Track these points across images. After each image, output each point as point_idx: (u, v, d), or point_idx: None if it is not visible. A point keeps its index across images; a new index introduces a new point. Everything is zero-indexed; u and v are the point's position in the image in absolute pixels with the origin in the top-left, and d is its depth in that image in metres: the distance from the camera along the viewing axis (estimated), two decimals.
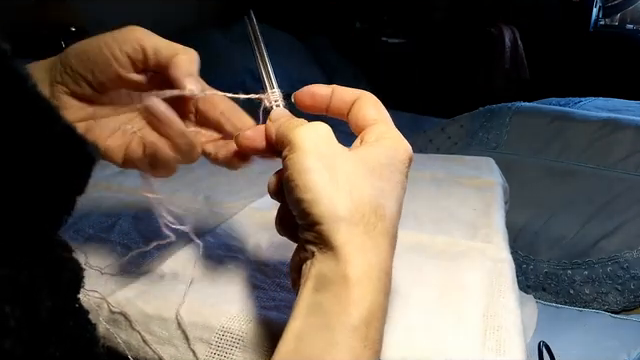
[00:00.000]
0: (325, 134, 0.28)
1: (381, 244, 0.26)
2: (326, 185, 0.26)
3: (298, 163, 0.27)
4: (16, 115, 0.20)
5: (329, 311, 0.25)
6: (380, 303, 0.25)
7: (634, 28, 2.68)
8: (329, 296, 0.25)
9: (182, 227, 0.39)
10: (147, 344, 0.40)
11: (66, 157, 0.23)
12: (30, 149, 0.21)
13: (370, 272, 0.25)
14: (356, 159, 0.28)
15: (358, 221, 0.26)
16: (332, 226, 0.25)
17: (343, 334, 0.24)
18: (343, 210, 0.25)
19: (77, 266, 0.27)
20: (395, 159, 0.29)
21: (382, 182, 0.27)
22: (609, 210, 1.07)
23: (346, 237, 0.25)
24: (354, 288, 0.25)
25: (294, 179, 0.27)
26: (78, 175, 0.24)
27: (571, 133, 1.23)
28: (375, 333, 0.25)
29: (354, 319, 0.24)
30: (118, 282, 0.45)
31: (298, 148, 0.27)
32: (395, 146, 0.29)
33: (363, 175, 0.27)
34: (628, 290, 0.99)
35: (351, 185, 0.26)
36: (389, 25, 2.74)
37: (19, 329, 0.20)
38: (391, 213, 0.27)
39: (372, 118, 0.31)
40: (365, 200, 0.26)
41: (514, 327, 0.39)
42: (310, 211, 0.26)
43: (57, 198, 0.23)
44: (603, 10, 2.65)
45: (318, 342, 0.24)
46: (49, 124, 0.22)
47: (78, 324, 0.26)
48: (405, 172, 0.30)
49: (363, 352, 0.24)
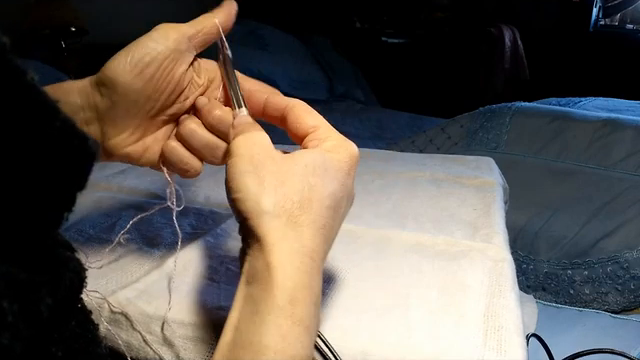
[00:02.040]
0: (259, 141, 0.32)
1: (304, 232, 0.29)
2: (253, 185, 0.29)
3: (232, 167, 0.30)
4: (14, 109, 0.20)
5: (257, 298, 0.27)
6: (304, 283, 0.28)
7: (634, 28, 2.68)
8: (257, 285, 0.28)
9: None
10: (148, 344, 0.40)
11: (66, 152, 0.22)
12: (29, 144, 0.21)
13: (291, 257, 0.28)
14: (288, 161, 0.31)
15: (280, 214, 0.28)
16: (256, 220, 0.28)
17: (270, 315, 0.26)
18: (266, 205, 0.28)
19: (79, 266, 0.27)
20: (333, 158, 0.32)
21: (314, 178, 0.30)
22: (609, 210, 1.07)
23: (268, 228, 0.28)
24: (276, 272, 0.27)
25: (229, 181, 0.30)
26: (78, 170, 0.24)
27: (571, 133, 1.23)
28: (302, 310, 0.27)
29: (278, 299, 0.26)
30: (119, 282, 0.45)
31: (233, 154, 0.31)
32: (333, 147, 0.32)
33: (290, 174, 0.30)
34: (628, 290, 0.99)
35: (276, 183, 0.29)
36: (389, 25, 2.74)
37: (17, 325, 0.20)
38: (320, 205, 0.30)
39: (310, 125, 0.34)
40: (289, 196, 0.29)
41: (515, 327, 0.39)
42: (239, 208, 0.29)
43: (57, 194, 0.23)
44: (603, 10, 2.65)
45: (250, 327, 0.26)
46: (48, 118, 0.21)
47: (80, 324, 0.26)
48: (344, 169, 0.32)
49: (292, 329, 0.26)
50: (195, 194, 0.66)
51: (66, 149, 0.22)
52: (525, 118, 1.31)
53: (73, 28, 1.67)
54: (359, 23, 2.78)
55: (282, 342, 0.26)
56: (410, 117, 1.99)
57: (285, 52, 2.19)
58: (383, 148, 1.12)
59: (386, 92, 2.50)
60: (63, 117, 0.22)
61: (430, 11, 2.70)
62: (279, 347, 0.25)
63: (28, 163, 0.21)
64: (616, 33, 2.69)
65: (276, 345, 0.25)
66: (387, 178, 0.72)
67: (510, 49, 2.46)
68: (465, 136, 1.33)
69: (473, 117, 1.38)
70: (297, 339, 0.26)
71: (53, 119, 0.22)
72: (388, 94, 2.49)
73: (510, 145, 1.26)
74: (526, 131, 1.28)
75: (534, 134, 1.26)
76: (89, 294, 0.42)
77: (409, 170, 0.75)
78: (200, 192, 0.67)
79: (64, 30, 1.66)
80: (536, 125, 1.28)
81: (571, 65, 2.49)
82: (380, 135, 1.72)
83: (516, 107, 1.35)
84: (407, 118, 1.98)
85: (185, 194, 0.66)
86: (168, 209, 0.41)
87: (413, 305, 0.42)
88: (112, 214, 0.58)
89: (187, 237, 0.54)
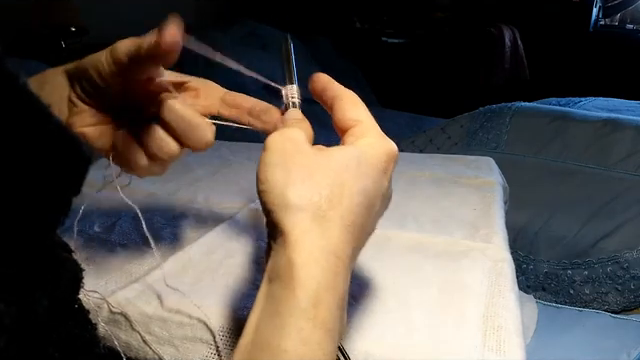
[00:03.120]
0: (293, 136, 0.30)
1: (331, 229, 0.27)
2: (280, 177, 0.28)
3: (263, 160, 0.30)
4: (7, 114, 0.20)
5: (278, 297, 0.26)
6: (328, 284, 0.26)
7: (634, 28, 2.68)
8: (278, 283, 0.26)
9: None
10: (147, 344, 0.40)
11: (59, 157, 0.22)
12: (21, 149, 0.21)
13: (316, 254, 0.26)
14: (319, 156, 0.29)
15: (306, 207, 0.27)
16: (281, 212, 0.27)
17: (291, 317, 0.25)
18: (292, 198, 0.27)
19: (76, 266, 0.26)
20: (366, 154, 0.30)
21: (346, 174, 0.29)
22: (609, 210, 1.07)
23: (293, 221, 0.27)
24: (299, 270, 0.26)
25: (258, 173, 0.29)
26: (72, 175, 0.23)
27: (571, 133, 1.23)
28: (326, 313, 0.26)
29: (300, 301, 0.25)
30: (118, 282, 0.45)
31: (266, 148, 0.30)
32: (369, 144, 0.31)
33: (321, 167, 0.29)
34: (628, 290, 0.99)
35: (305, 176, 0.28)
36: (389, 25, 2.74)
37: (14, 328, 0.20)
38: (350, 202, 0.28)
39: (352, 119, 0.32)
40: (317, 189, 0.28)
41: (514, 327, 0.39)
42: (265, 200, 0.28)
43: (51, 198, 0.23)
44: (603, 10, 2.65)
45: (270, 329, 0.25)
46: (41, 123, 0.21)
47: (78, 324, 0.26)
48: (379, 167, 0.30)
49: (313, 332, 0.25)
50: (195, 194, 0.66)
51: (59, 154, 0.22)
52: (525, 118, 1.31)
53: (73, 28, 1.67)
54: (359, 23, 2.78)
55: (302, 346, 0.24)
56: (410, 117, 1.99)
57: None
58: None
59: (386, 92, 2.50)
60: (56, 122, 0.22)
61: (430, 11, 2.70)
62: (299, 352, 0.24)
63: (22, 168, 0.20)
64: (616, 33, 2.69)
65: (296, 349, 0.24)
66: None
67: (510, 49, 2.46)
68: (465, 136, 1.33)
69: (473, 117, 1.37)
70: (318, 344, 0.25)
71: (46, 124, 0.22)
72: (388, 94, 2.49)
73: (510, 145, 1.26)
74: (526, 131, 1.27)
75: (534, 134, 1.26)
76: (88, 294, 0.42)
77: (409, 170, 0.75)
78: (200, 192, 0.67)
79: (64, 30, 1.66)
80: (536, 125, 1.28)
81: (571, 65, 2.49)
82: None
83: (516, 107, 1.35)
84: (407, 118, 1.98)
85: (185, 194, 0.66)
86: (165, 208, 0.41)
87: (413, 305, 0.41)
88: (112, 214, 0.58)
89: (187, 237, 0.54)
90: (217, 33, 1.88)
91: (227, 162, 0.79)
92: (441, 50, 2.57)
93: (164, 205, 0.62)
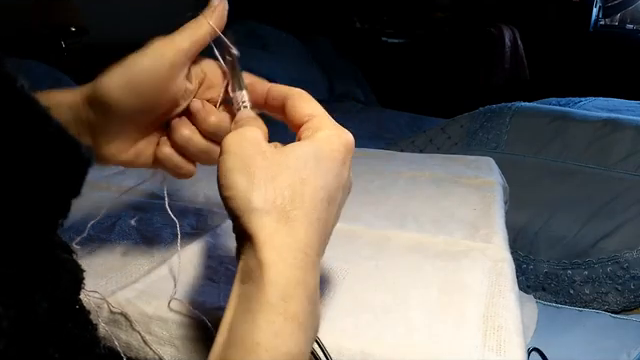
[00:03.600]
0: (250, 137, 0.31)
1: (296, 227, 0.28)
2: (242, 182, 0.28)
3: (222, 164, 0.30)
4: (6, 117, 0.20)
5: (250, 296, 0.27)
6: (298, 280, 0.27)
7: (634, 28, 2.68)
8: (250, 283, 0.27)
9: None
10: (147, 344, 0.40)
11: (59, 159, 0.22)
12: (21, 151, 0.21)
13: (284, 253, 0.27)
14: (278, 155, 0.30)
15: (271, 210, 0.28)
16: (247, 217, 0.28)
17: (262, 312, 0.26)
18: (256, 202, 0.28)
19: (76, 267, 0.26)
20: (324, 148, 0.31)
21: (305, 171, 0.29)
22: (609, 210, 1.07)
23: (259, 225, 0.28)
24: (268, 269, 0.27)
25: (219, 179, 0.30)
26: (72, 177, 0.23)
27: (571, 133, 1.23)
28: (296, 307, 0.26)
29: (270, 296, 0.26)
30: (118, 282, 0.45)
31: (224, 151, 0.30)
32: (326, 137, 0.31)
33: (281, 168, 0.29)
34: (628, 290, 0.99)
35: (266, 179, 0.29)
36: (389, 25, 2.74)
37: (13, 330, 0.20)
38: (312, 198, 0.29)
39: (306, 114, 0.33)
40: (280, 191, 0.28)
41: (514, 327, 0.39)
42: (230, 206, 0.29)
43: (51, 200, 0.23)
44: (603, 10, 2.65)
45: (243, 325, 0.26)
46: (40, 126, 0.21)
47: (78, 325, 0.26)
48: (338, 158, 0.31)
49: (284, 325, 0.26)
50: (195, 194, 0.66)
51: (59, 156, 0.22)
52: (525, 118, 1.31)
53: (73, 28, 1.67)
54: (359, 23, 2.78)
55: (274, 339, 0.25)
56: (410, 117, 1.99)
57: (285, 52, 2.19)
58: (383, 148, 1.12)
59: (386, 92, 2.50)
60: (55, 124, 0.22)
61: (430, 11, 2.70)
62: (271, 344, 0.25)
63: (21, 170, 0.20)
64: (616, 33, 2.69)
65: (268, 342, 0.25)
66: (387, 178, 0.72)
67: (510, 49, 2.46)
68: (465, 136, 1.33)
69: (473, 117, 1.38)
70: (290, 336, 0.26)
71: (45, 126, 0.21)
72: (388, 94, 2.49)
73: (510, 145, 1.26)
74: (526, 131, 1.28)
75: (534, 134, 1.26)
76: (88, 294, 0.42)
77: (409, 170, 0.75)
78: (200, 192, 0.67)
79: (64, 30, 1.66)
80: (536, 125, 1.28)
81: (571, 65, 2.49)
82: (380, 135, 1.72)
83: (516, 107, 1.35)
84: (407, 118, 1.98)
85: (185, 194, 0.66)
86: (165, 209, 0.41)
87: (413, 305, 0.42)
88: (112, 214, 0.58)
89: (187, 237, 0.54)
90: None
91: None
92: (441, 50, 2.57)
93: (164, 205, 0.62)
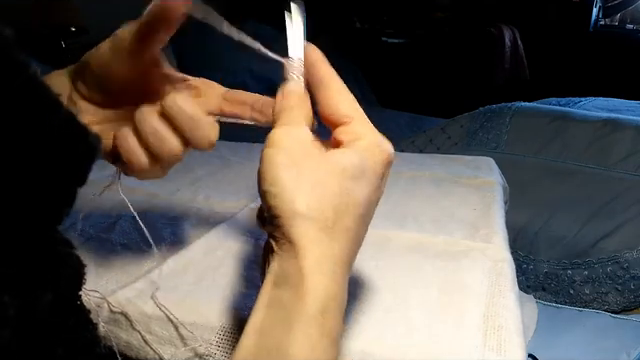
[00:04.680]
0: (301, 136, 0.30)
1: (338, 239, 0.27)
2: (290, 180, 0.27)
3: (270, 157, 0.28)
4: (16, 103, 0.20)
5: (287, 303, 0.26)
6: (335, 293, 0.26)
7: (634, 28, 2.68)
8: (287, 289, 0.26)
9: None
10: (148, 344, 0.40)
11: (67, 146, 0.22)
12: (30, 137, 0.20)
13: (324, 264, 0.26)
14: (326, 160, 0.29)
15: (315, 217, 0.27)
16: (289, 220, 0.27)
17: (300, 323, 0.25)
18: (301, 206, 0.27)
19: (78, 262, 0.26)
20: (369, 161, 0.30)
21: (351, 183, 0.28)
22: (609, 210, 1.07)
23: (302, 231, 0.27)
24: (308, 279, 0.26)
25: (264, 172, 0.28)
26: (79, 165, 0.23)
27: (571, 133, 1.23)
28: (332, 322, 0.26)
29: (310, 308, 0.25)
30: (118, 282, 0.45)
31: (273, 144, 0.29)
32: (371, 148, 0.30)
33: (329, 175, 0.28)
34: (628, 290, 0.99)
35: (314, 184, 0.28)
36: (389, 25, 2.74)
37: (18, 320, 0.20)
38: (355, 212, 0.28)
39: (346, 115, 0.31)
40: (326, 198, 0.27)
41: (514, 327, 0.39)
42: (271, 203, 0.27)
43: (58, 189, 0.23)
44: (603, 10, 2.65)
45: (277, 333, 0.25)
46: (50, 113, 0.21)
47: (79, 323, 0.26)
48: (380, 172, 0.30)
49: (320, 340, 0.25)
50: (195, 194, 0.66)
51: (67, 143, 0.22)
52: (525, 118, 1.31)
53: (73, 28, 1.67)
54: (359, 23, 2.78)
55: (310, 353, 0.25)
56: (410, 117, 1.99)
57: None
58: None
59: (386, 92, 2.50)
60: (65, 112, 0.22)
61: (430, 11, 2.70)
62: (306, 358, 0.24)
63: (29, 157, 0.21)
64: (616, 33, 2.69)
65: (303, 355, 0.24)
66: None
67: (510, 49, 2.46)
68: (465, 136, 1.33)
69: (473, 117, 1.38)
70: (325, 351, 0.25)
71: (55, 113, 0.21)
72: (388, 94, 2.49)
73: (510, 145, 1.26)
74: (526, 131, 1.27)
75: (534, 134, 1.26)
76: (89, 294, 0.42)
77: (409, 170, 0.75)
78: (200, 192, 0.67)
79: (64, 30, 1.66)
80: (536, 125, 1.28)
81: (571, 65, 2.49)
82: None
83: (516, 107, 1.35)
84: (407, 118, 1.98)
85: (185, 194, 0.66)
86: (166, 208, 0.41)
87: (413, 305, 0.42)
88: (112, 214, 0.58)
89: (187, 237, 0.54)
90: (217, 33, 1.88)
91: (227, 162, 0.79)
92: (441, 50, 2.57)
93: (164, 205, 0.62)
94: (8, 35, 0.20)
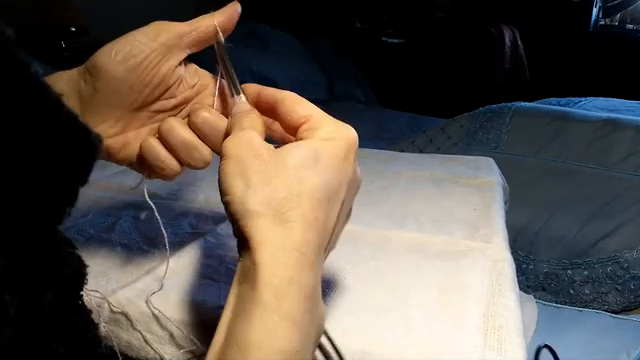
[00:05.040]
0: (248, 140, 0.31)
1: (292, 227, 0.28)
2: (239, 186, 0.29)
3: (221, 169, 0.30)
4: (18, 102, 0.20)
5: (246, 295, 0.27)
6: (292, 278, 0.27)
7: (634, 28, 2.68)
8: (246, 284, 0.28)
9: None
10: (148, 344, 0.40)
11: (68, 145, 0.22)
12: (32, 136, 0.21)
13: (276, 253, 0.27)
14: (274, 157, 0.30)
15: (266, 212, 0.28)
16: (243, 221, 0.28)
17: (256, 312, 0.26)
18: (252, 204, 0.28)
19: (79, 262, 0.27)
20: (326, 146, 0.31)
21: (303, 171, 0.29)
22: (609, 210, 1.07)
23: (255, 227, 0.28)
24: (262, 269, 0.27)
25: (219, 183, 0.30)
26: (80, 164, 0.23)
27: (571, 133, 1.23)
28: (291, 306, 0.27)
29: (263, 295, 0.26)
30: (119, 282, 0.45)
31: (223, 155, 0.31)
32: (325, 134, 0.31)
33: (278, 170, 0.29)
34: (628, 290, 0.99)
35: (262, 182, 0.29)
36: (389, 25, 2.74)
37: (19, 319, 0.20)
38: (310, 197, 0.29)
39: (302, 115, 0.33)
40: (275, 192, 0.29)
41: (515, 327, 0.39)
42: (229, 210, 0.29)
43: (59, 188, 0.23)
44: (603, 10, 2.65)
45: (238, 325, 0.27)
46: (51, 111, 0.21)
47: (81, 323, 0.26)
48: (339, 155, 0.31)
49: (278, 323, 0.26)
50: (195, 194, 0.66)
51: (69, 142, 0.22)
52: (525, 118, 1.31)
53: (73, 28, 1.67)
54: (359, 23, 2.78)
55: (267, 337, 0.26)
56: (410, 117, 1.99)
57: (285, 52, 2.19)
58: (383, 148, 1.12)
59: (386, 92, 2.50)
60: (66, 110, 0.22)
61: (430, 11, 2.70)
62: (265, 342, 0.25)
63: (31, 156, 0.21)
64: (616, 33, 2.69)
65: (261, 340, 0.25)
66: (387, 178, 0.72)
67: (510, 49, 2.46)
68: (465, 136, 1.33)
69: (473, 117, 1.38)
70: (284, 334, 0.26)
71: (56, 112, 0.22)
72: (388, 94, 2.49)
73: (510, 145, 1.26)
74: (526, 131, 1.28)
75: (534, 134, 1.26)
76: (89, 294, 0.42)
77: (409, 170, 0.75)
78: (200, 192, 0.67)
79: (64, 30, 1.66)
80: (536, 125, 1.28)
81: (571, 65, 2.49)
82: (380, 135, 1.72)
83: (516, 107, 1.35)
84: (407, 118, 1.98)
85: (185, 194, 0.66)
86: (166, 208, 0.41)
87: (413, 305, 0.42)
88: (112, 214, 0.58)
89: (187, 237, 0.54)
90: None
91: None
92: (441, 50, 2.57)
93: (164, 205, 0.62)
94: (9, 35, 0.20)
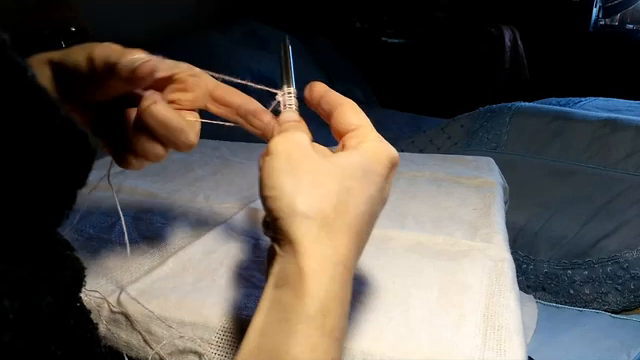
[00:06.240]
0: (298, 141, 0.30)
1: (339, 238, 0.27)
2: (288, 184, 0.28)
3: (269, 164, 0.29)
4: (15, 106, 0.20)
5: (287, 304, 0.26)
6: (336, 293, 0.26)
7: (634, 28, 2.68)
8: (287, 290, 0.26)
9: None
10: (148, 344, 0.40)
11: (66, 149, 0.22)
12: (30, 141, 0.21)
13: (324, 264, 0.26)
14: (325, 162, 0.29)
15: (315, 216, 0.27)
16: (289, 220, 0.27)
17: (300, 324, 0.25)
18: (300, 205, 0.27)
19: (78, 264, 0.27)
20: (371, 161, 0.30)
21: (352, 182, 0.29)
22: (609, 210, 1.07)
23: (302, 230, 0.27)
24: (309, 279, 0.26)
25: (264, 178, 0.29)
26: (78, 167, 0.24)
27: (571, 133, 1.23)
28: (333, 322, 0.26)
29: (309, 309, 0.25)
30: (118, 282, 0.45)
31: (271, 152, 0.30)
32: (373, 149, 0.31)
33: (329, 175, 0.28)
34: (628, 290, 0.99)
35: (313, 184, 0.28)
36: (389, 25, 2.74)
37: (18, 323, 0.20)
38: (356, 210, 0.28)
39: (353, 124, 0.32)
40: (325, 198, 0.28)
41: (515, 327, 0.39)
42: (272, 206, 0.28)
43: (57, 191, 0.23)
44: (603, 10, 2.65)
45: (277, 335, 0.25)
46: (48, 115, 0.21)
47: (79, 323, 0.26)
48: (383, 174, 0.31)
49: (321, 340, 0.25)
50: (195, 194, 0.66)
51: (66, 146, 0.22)
52: (525, 118, 1.31)
53: (73, 28, 1.67)
54: (359, 23, 2.78)
55: (310, 354, 0.25)
56: (410, 117, 1.99)
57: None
58: None
59: (386, 92, 2.50)
60: (63, 114, 0.22)
61: (430, 11, 2.69)
62: (305, 358, 0.25)
63: (29, 160, 0.21)
64: (616, 33, 2.69)
65: (304, 356, 0.25)
66: None
67: (510, 49, 2.46)
68: (465, 136, 1.33)
69: (473, 117, 1.38)
70: (326, 351, 0.25)
71: (53, 116, 0.22)
72: (388, 94, 2.49)
73: (510, 145, 1.26)
74: (526, 131, 1.28)
75: (534, 134, 1.26)
76: (89, 294, 0.42)
77: (409, 170, 0.75)
78: (200, 192, 0.67)
79: (64, 30, 1.66)
80: (536, 125, 1.28)
81: (571, 65, 2.49)
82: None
83: (516, 107, 1.35)
84: (407, 118, 1.98)
85: (185, 194, 0.66)
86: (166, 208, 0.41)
87: (413, 305, 0.42)
88: (112, 214, 0.58)
89: (187, 237, 0.54)
90: (217, 33, 1.88)
91: (227, 162, 0.79)
92: (441, 50, 2.57)
93: (164, 205, 0.62)
94: (5, 39, 0.20)
